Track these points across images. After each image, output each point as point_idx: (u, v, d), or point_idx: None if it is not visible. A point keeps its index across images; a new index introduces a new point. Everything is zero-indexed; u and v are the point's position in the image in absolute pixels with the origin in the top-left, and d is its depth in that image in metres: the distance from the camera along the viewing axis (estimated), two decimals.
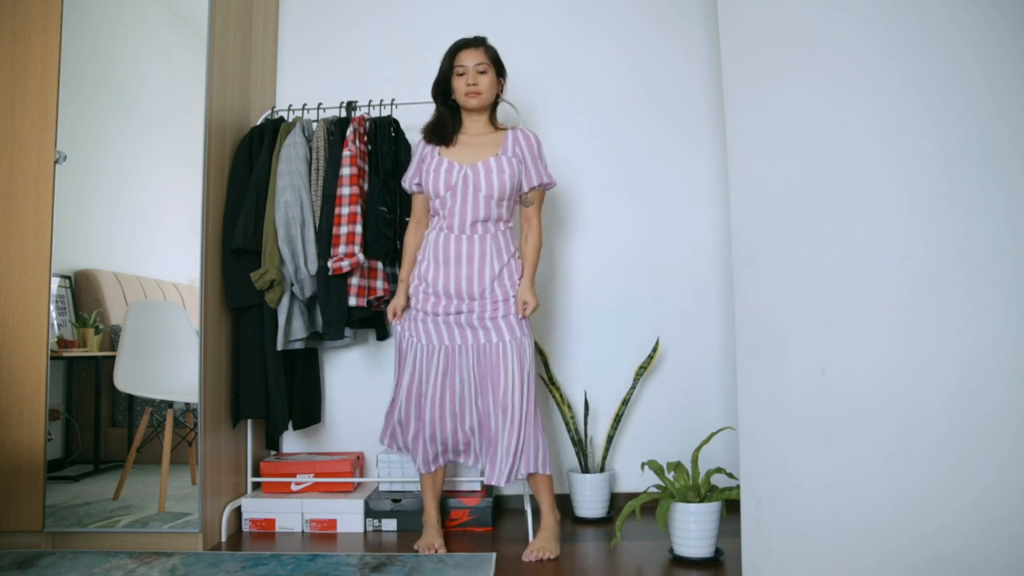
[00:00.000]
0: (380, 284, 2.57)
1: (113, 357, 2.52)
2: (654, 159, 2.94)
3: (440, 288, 2.25)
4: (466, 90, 2.25)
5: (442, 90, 2.32)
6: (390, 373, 2.92)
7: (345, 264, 2.44)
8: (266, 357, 2.51)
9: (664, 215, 2.92)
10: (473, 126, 2.33)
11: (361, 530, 2.55)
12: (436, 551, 2.24)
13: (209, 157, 2.41)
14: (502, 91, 2.36)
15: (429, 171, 2.28)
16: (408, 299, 2.33)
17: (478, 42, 2.31)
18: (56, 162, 2.35)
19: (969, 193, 1.22)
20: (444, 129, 2.32)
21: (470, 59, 2.26)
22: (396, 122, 2.72)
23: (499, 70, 2.32)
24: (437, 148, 2.32)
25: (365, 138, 2.63)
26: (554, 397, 2.73)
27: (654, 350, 2.74)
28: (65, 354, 2.54)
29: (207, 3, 2.43)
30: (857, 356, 1.37)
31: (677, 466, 2.21)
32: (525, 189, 2.30)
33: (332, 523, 2.55)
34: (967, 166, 1.23)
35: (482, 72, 2.26)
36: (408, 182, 2.37)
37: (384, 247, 2.56)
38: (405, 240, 2.41)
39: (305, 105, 2.78)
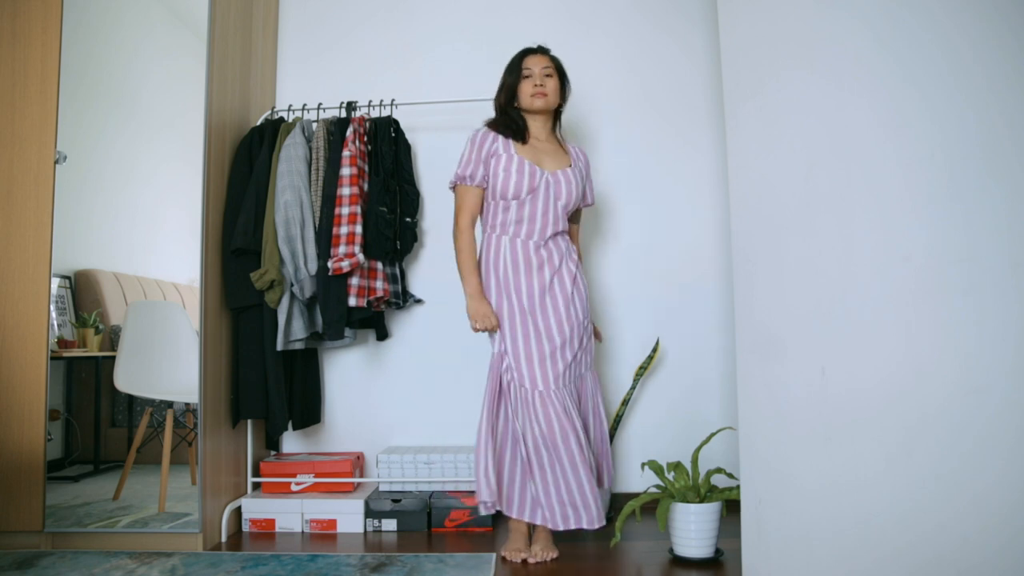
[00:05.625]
0: (380, 284, 2.57)
1: (113, 357, 2.52)
2: (654, 159, 2.94)
3: (524, 297, 2.20)
4: (532, 91, 2.24)
5: (507, 100, 2.29)
6: (390, 373, 2.93)
7: (345, 264, 2.44)
8: (266, 357, 2.51)
9: (664, 215, 2.92)
10: (539, 132, 2.31)
11: (361, 530, 2.55)
12: (523, 558, 2.18)
13: (209, 157, 2.41)
14: (565, 101, 2.35)
15: (511, 171, 2.19)
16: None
17: (543, 50, 2.31)
18: (56, 162, 2.35)
19: (969, 193, 1.22)
20: (517, 127, 2.27)
21: (537, 64, 2.26)
22: (396, 122, 2.72)
23: (563, 78, 2.32)
24: (511, 144, 2.24)
25: (365, 138, 2.63)
26: None
27: (654, 350, 2.74)
28: (65, 354, 2.54)
29: (207, 3, 2.43)
30: (857, 356, 1.37)
31: (677, 466, 2.21)
32: (579, 204, 2.36)
33: (332, 523, 2.55)
34: (967, 166, 1.23)
35: (548, 76, 2.26)
36: (472, 175, 2.23)
37: (384, 247, 2.56)
38: (463, 244, 2.22)
39: (305, 105, 2.78)
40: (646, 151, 2.94)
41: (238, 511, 2.57)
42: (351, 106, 2.72)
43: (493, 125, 2.28)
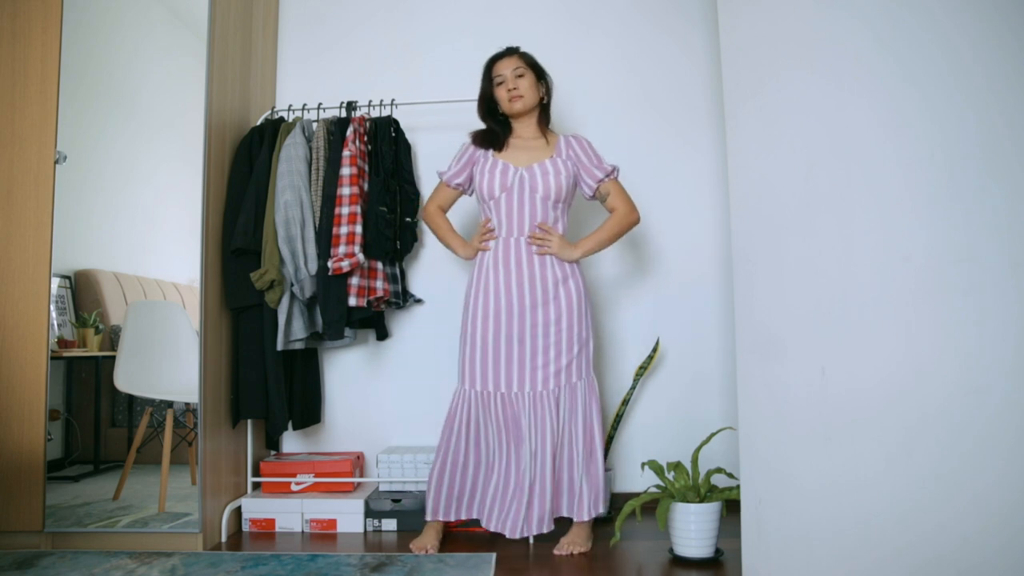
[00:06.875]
0: (380, 284, 2.57)
1: (113, 357, 2.52)
2: (654, 159, 2.94)
3: (503, 296, 2.25)
4: (508, 96, 2.29)
5: (488, 108, 2.36)
6: (390, 373, 2.93)
7: (345, 264, 2.44)
8: (266, 357, 2.50)
9: (664, 215, 2.92)
10: (524, 131, 2.36)
11: (361, 530, 2.55)
12: (427, 551, 2.23)
13: (209, 157, 2.41)
14: (547, 94, 2.38)
15: (484, 172, 2.30)
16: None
17: (511, 51, 2.35)
18: (56, 162, 2.35)
19: (969, 193, 1.22)
20: (495, 136, 2.35)
21: (506, 67, 2.30)
22: (396, 122, 2.72)
23: (538, 73, 2.35)
24: (490, 152, 2.34)
25: (365, 138, 2.63)
26: None
27: (654, 350, 2.74)
28: (65, 354, 2.54)
29: (207, 3, 2.43)
30: (857, 356, 1.37)
31: (677, 466, 2.21)
32: (593, 186, 2.33)
33: (332, 523, 2.55)
34: (967, 166, 1.23)
35: (520, 76, 2.30)
36: (450, 179, 2.39)
37: (384, 247, 2.56)
38: (431, 220, 2.42)
39: (305, 105, 2.78)
40: (646, 151, 2.94)
41: (238, 511, 2.57)
42: (351, 106, 2.72)
43: (474, 140, 2.37)
